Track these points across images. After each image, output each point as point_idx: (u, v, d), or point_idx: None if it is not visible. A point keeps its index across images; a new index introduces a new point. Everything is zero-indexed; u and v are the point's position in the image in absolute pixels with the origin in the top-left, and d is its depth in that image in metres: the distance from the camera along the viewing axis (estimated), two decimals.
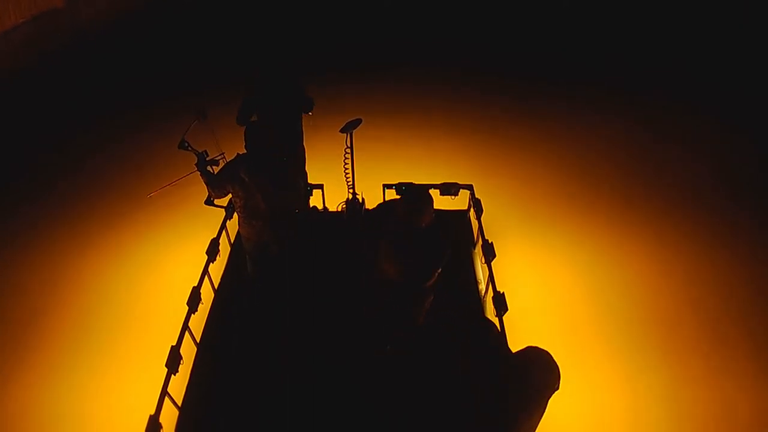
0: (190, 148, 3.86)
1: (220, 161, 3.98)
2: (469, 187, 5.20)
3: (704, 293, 5.07)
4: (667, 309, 4.91)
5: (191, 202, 5.39)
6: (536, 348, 2.46)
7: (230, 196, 3.94)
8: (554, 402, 2.44)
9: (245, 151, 3.81)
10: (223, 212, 4.64)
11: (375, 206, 3.57)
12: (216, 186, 3.88)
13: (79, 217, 6.09)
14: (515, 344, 2.78)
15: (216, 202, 4.08)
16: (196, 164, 3.88)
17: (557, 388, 2.40)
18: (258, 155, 3.77)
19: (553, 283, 5.15)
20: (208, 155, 3.92)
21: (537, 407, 2.42)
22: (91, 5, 10.84)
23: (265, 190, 3.79)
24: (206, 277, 4.26)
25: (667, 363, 4.44)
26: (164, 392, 3.33)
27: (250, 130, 3.78)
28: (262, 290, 4.34)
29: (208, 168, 3.92)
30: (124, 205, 6.17)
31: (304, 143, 5.25)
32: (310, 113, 5.03)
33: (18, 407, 4.21)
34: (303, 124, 5.14)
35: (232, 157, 3.88)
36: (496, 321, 3.77)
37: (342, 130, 4.47)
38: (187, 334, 3.75)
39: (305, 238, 4.39)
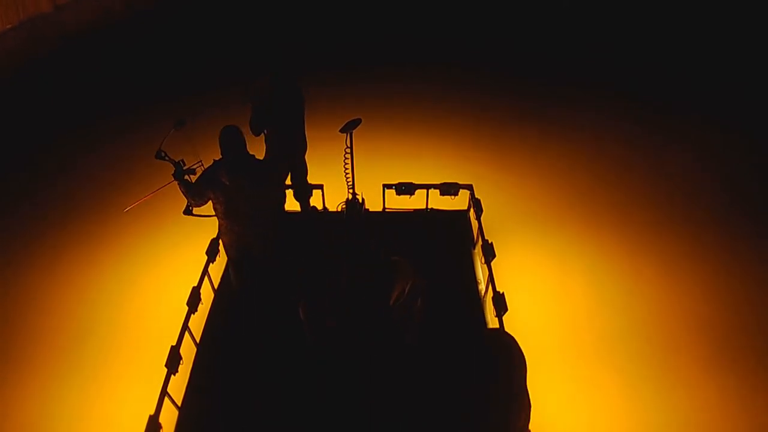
0: (167, 158, 3.80)
1: (197, 169, 3.93)
2: (469, 187, 5.20)
3: (704, 293, 5.06)
4: (667, 307, 4.90)
5: None
6: (491, 330, 2.37)
7: (210, 203, 3.93)
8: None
9: (222, 156, 3.82)
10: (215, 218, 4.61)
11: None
12: (196, 194, 3.85)
13: (78, 217, 6.09)
14: None
15: (195, 211, 4.04)
16: (173, 174, 3.83)
17: (525, 367, 2.27)
18: (236, 158, 3.79)
19: (553, 282, 5.15)
20: (185, 164, 3.87)
21: (512, 393, 2.28)
22: (76, 10, 10.82)
23: (246, 192, 3.80)
24: (206, 277, 4.26)
25: (667, 362, 4.43)
26: (164, 392, 3.33)
27: (225, 134, 3.78)
28: (248, 297, 4.31)
29: (186, 177, 3.87)
30: (124, 204, 6.15)
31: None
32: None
33: (18, 407, 4.21)
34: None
35: (209, 165, 3.87)
36: (495, 321, 3.78)
37: (342, 130, 4.44)
38: (187, 334, 3.75)
39: (289, 239, 4.39)
